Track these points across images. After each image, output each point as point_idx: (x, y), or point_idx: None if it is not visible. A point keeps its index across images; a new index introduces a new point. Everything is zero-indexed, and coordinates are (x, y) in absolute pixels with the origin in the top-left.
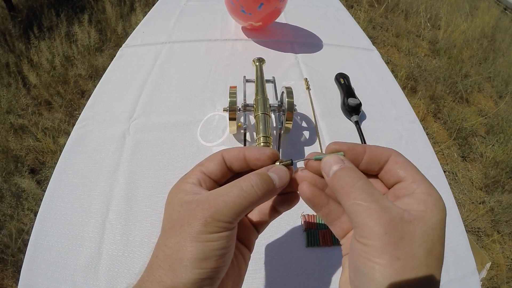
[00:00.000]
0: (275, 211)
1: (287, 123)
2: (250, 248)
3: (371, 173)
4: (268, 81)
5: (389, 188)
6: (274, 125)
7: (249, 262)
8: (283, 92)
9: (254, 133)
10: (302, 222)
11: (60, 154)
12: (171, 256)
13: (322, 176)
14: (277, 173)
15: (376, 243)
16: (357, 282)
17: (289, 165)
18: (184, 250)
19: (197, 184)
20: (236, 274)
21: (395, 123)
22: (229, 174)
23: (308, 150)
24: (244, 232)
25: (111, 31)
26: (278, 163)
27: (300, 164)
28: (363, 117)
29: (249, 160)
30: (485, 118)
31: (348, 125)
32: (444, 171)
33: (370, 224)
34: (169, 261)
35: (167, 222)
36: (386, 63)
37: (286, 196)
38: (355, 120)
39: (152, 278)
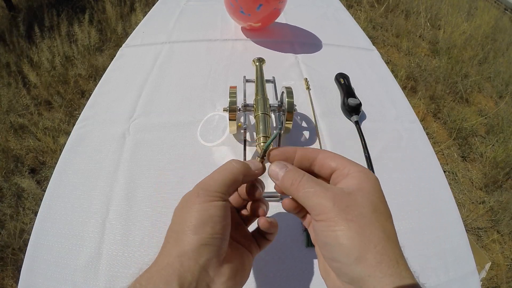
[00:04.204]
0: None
1: (287, 123)
2: (252, 254)
3: (305, 170)
4: (268, 81)
5: (328, 181)
6: (274, 125)
7: None
8: (283, 92)
9: (254, 133)
10: (302, 222)
11: (60, 154)
12: (177, 230)
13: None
14: (253, 162)
15: (330, 215)
16: (331, 255)
17: (263, 157)
18: (186, 221)
19: None
20: (239, 262)
21: (395, 123)
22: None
23: None
24: (245, 243)
25: (111, 31)
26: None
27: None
28: (363, 117)
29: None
30: (485, 118)
31: (348, 125)
32: (444, 171)
33: (320, 201)
34: (174, 236)
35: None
36: (386, 63)
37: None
38: (355, 120)
39: (162, 254)
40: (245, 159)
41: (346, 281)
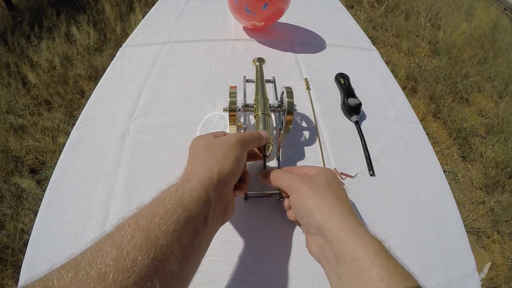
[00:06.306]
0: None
1: (287, 124)
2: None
3: None
4: (268, 81)
5: None
6: (274, 125)
7: (249, 262)
8: (283, 92)
9: None
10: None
11: (59, 154)
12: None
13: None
14: (263, 133)
15: (298, 187)
16: (302, 214)
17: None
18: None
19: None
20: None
21: (395, 123)
22: None
23: (308, 150)
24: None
25: (110, 31)
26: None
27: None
28: (363, 117)
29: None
30: (485, 118)
31: (348, 125)
32: (444, 171)
33: (291, 181)
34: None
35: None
36: (386, 63)
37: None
38: (355, 120)
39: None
40: None
41: (315, 233)
